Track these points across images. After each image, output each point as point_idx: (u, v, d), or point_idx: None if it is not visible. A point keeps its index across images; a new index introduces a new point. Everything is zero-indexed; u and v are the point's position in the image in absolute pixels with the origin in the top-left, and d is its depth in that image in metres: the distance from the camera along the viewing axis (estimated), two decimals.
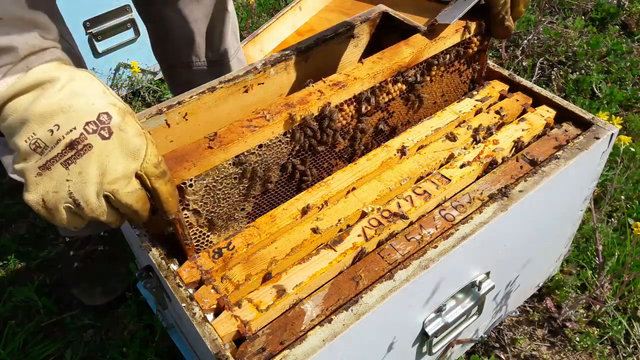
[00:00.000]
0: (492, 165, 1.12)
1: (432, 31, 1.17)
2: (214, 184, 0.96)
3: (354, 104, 1.10)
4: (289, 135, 1.03)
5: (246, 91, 1.32)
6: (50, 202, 0.74)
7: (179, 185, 0.90)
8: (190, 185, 0.92)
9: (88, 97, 0.72)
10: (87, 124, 0.71)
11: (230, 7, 1.57)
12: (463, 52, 1.25)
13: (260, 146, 0.99)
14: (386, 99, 1.15)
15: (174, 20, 1.50)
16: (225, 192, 0.98)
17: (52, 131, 0.70)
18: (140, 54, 2.31)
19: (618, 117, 1.45)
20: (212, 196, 0.97)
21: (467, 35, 1.22)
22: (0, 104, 0.71)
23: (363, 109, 1.12)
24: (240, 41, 2.44)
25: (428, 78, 1.21)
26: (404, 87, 1.17)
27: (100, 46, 2.22)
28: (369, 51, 1.53)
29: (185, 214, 0.94)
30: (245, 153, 0.98)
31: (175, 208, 0.84)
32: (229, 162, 0.96)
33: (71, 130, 0.71)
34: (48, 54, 0.74)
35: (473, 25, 1.21)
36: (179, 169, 0.90)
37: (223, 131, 0.96)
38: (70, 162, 0.72)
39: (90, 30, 2.15)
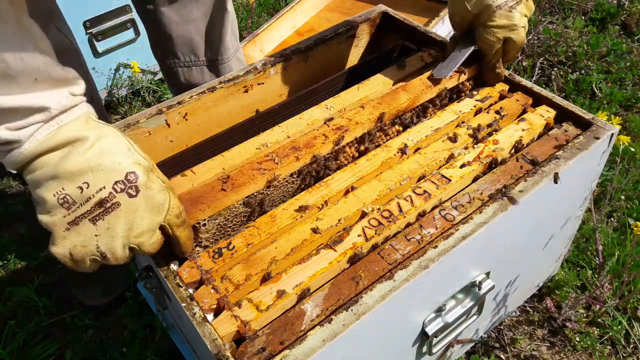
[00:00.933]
0: (492, 165, 1.12)
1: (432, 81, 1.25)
2: (225, 222, 1.03)
3: (355, 145, 1.18)
4: (295, 176, 1.11)
5: (246, 91, 1.32)
6: (78, 255, 0.79)
7: (193, 225, 0.97)
8: (204, 225, 0.99)
9: (115, 156, 0.76)
10: (115, 183, 0.75)
11: (230, 6, 1.57)
12: (457, 94, 1.31)
13: (268, 187, 1.07)
14: (384, 139, 1.22)
15: (172, 19, 1.50)
16: (234, 227, 1.05)
17: (81, 189, 0.75)
18: (140, 54, 2.31)
19: (617, 117, 1.45)
20: (222, 232, 1.04)
21: (462, 79, 1.28)
22: (30, 159, 0.75)
23: (362, 148, 1.20)
24: (240, 41, 2.44)
25: (423, 119, 1.26)
26: (401, 128, 1.24)
27: (100, 46, 2.22)
28: (369, 51, 1.53)
29: (197, 250, 1.00)
30: (255, 193, 1.06)
31: (191, 249, 0.91)
32: (240, 202, 1.04)
33: (101, 189, 0.75)
34: (77, 110, 0.77)
35: (468, 71, 1.27)
36: (194, 210, 0.98)
37: (235, 174, 1.05)
38: (98, 218, 0.76)
39: (90, 30, 2.15)
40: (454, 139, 1.16)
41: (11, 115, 0.72)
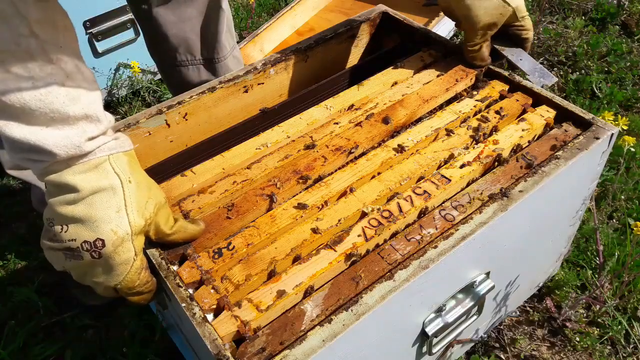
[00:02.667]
0: (492, 165, 1.12)
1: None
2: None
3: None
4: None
5: (246, 91, 1.32)
6: (54, 264, 0.89)
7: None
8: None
9: (96, 218, 0.81)
10: (84, 241, 0.81)
11: (225, 4, 1.57)
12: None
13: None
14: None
15: (167, 19, 1.50)
16: None
17: (61, 229, 0.82)
18: (140, 54, 2.31)
19: (624, 118, 1.45)
20: None
21: (459, 90, 1.28)
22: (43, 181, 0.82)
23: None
24: (240, 41, 2.44)
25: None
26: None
27: (100, 46, 2.22)
28: (369, 51, 1.53)
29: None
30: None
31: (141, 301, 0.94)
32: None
33: (72, 240, 0.82)
34: (89, 156, 0.81)
35: (464, 83, 1.28)
36: (201, 239, 0.99)
37: (239, 201, 1.06)
38: (67, 256, 0.84)
39: (90, 30, 2.15)
40: (454, 139, 1.16)
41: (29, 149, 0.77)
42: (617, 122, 1.38)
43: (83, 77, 0.80)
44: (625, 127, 1.44)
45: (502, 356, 1.46)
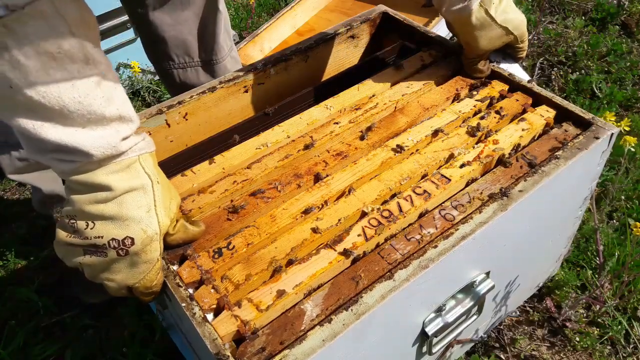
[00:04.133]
0: (492, 165, 1.12)
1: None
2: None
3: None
4: None
5: (246, 91, 1.32)
6: (66, 260, 0.88)
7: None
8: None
9: (126, 217, 0.81)
10: (112, 239, 0.82)
11: (222, 6, 1.57)
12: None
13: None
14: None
15: (164, 21, 1.49)
16: None
17: (87, 226, 0.81)
18: (140, 54, 2.29)
19: (626, 119, 1.44)
20: None
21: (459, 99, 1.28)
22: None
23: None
24: (240, 41, 2.45)
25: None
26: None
27: (100, 46, 2.21)
28: (369, 51, 1.53)
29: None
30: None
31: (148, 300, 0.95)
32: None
33: (100, 237, 0.82)
34: (122, 156, 0.80)
35: (464, 91, 1.28)
36: (202, 240, 0.99)
37: (239, 203, 1.05)
38: (89, 253, 0.84)
39: None
40: (454, 138, 1.16)
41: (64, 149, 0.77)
42: (619, 123, 1.38)
43: (114, 76, 0.80)
44: (627, 129, 1.44)
45: (502, 356, 1.46)
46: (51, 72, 0.71)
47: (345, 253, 0.95)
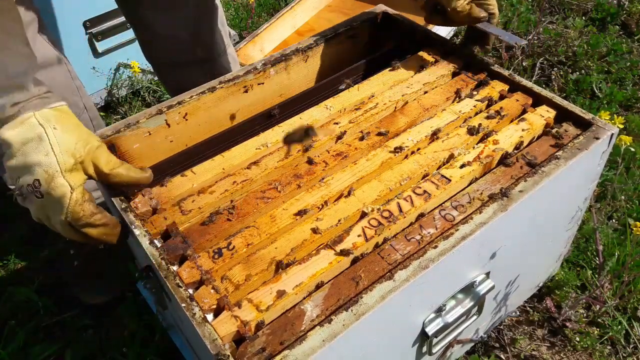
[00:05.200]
0: (492, 165, 1.12)
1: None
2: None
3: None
4: None
5: (246, 91, 1.32)
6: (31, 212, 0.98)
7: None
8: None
9: (30, 164, 0.92)
10: (28, 185, 0.92)
11: (217, 3, 1.57)
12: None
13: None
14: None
15: (157, 20, 1.49)
16: None
17: (15, 180, 0.94)
18: (140, 54, 2.29)
19: (620, 117, 1.44)
20: None
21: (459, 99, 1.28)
22: None
23: None
24: (240, 41, 2.45)
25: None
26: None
27: (100, 46, 2.21)
28: (369, 51, 1.53)
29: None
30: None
31: (112, 241, 1.02)
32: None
33: (21, 186, 0.93)
34: (16, 115, 0.92)
35: (464, 91, 1.28)
36: (202, 240, 1.00)
37: (239, 203, 1.06)
38: (26, 201, 0.95)
39: (90, 30, 2.15)
40: (454, 139, 1.16)
41: None
42: (613, 122, 1.38)
43: (12, 52, 0.92)
44: (620, 126, 1.44)
45: (502, 356, 1.46)
46: None
47: (345, 253, 0.95)
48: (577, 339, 1.47)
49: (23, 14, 1.25)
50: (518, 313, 1.54)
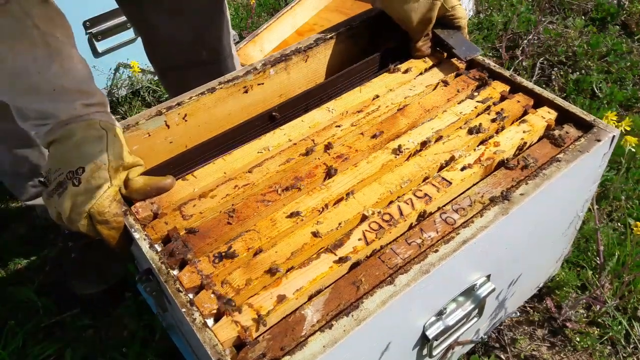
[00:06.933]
0: (493, 167, 1.12)
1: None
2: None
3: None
4: None
5: (246, 92, 1.31)
6: (51, 214, 1.04)
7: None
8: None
9: (80, 155, 0.99)
10: (69, 172, 0.98)
11: (224, 7, 1.56)
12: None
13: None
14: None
15: (164, 22, 1.48)
16: None
17: (55, 171, 1.00)
18: (140, 54, 2.28)
19: (627, 119, 1.44)
20: None
21: (459, 100, 1.28)
22: (46, 145, 1.03)
23: None
24: (240, 41, 2.44)
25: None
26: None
27: (100, 46, 2.21)
28: (369, 51, 1.52)
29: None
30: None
31: (117, 248, 1.06)
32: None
33: (60, 174, 0.99)
34: (84, 117, 1.02)
35: (465, 92, 1.28)
36: (202, 244, 1.00)
37: (240, 206, 1.06)
38: (58, 193, 0.99)
39: (90, 30, 2.14)
40: (454, 141, 1.16)
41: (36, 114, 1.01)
42: (620, 123, 1.37)
43: (74, 60, 1.02)
44: (628, 128, 1.44)
45: (502, 356, 1.46)
46: (19, 55, 0.95)
47: (344, 260, 0.95)
48: (577, 339, 1.47)
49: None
50: (518, 313, 1.54)
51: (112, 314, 1.64)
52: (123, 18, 2.20)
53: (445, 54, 1.38)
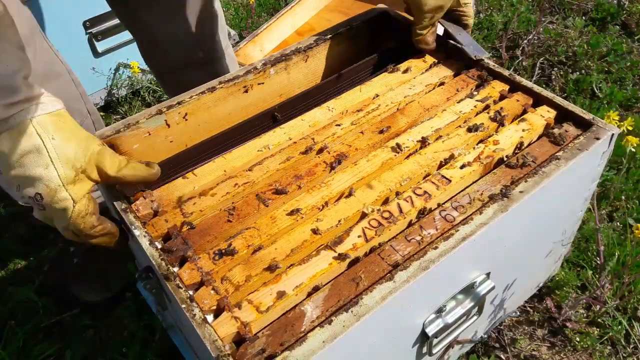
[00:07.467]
0: (492, 165, 1.12)
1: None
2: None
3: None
4: None
5: (246, 91, 1.32)
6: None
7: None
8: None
9: (31, 178, 0.90)
10: (29, 197, 0.91)
11: (217, 4, 1.56)
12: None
13: None
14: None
15: (159, 22, 1.48)
16: None
17: (17, 188, 0.92)
18: (140, 54, 2.31)
19: (629, 119, 1.44)
20: None
21: (459, 100, 1.28)
22: None
23: None
24: (240, 41, 2.44)
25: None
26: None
27: (100, 46, 2.21)
28: (369, 51, 1.53)
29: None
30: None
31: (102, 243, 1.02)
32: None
33: (23, 197, 0.92)
34: (10, 121, 0.88)
35: (465, 91, 1.28)
36: (202, 242, 0.99)
37: (240, 204, 1.06)
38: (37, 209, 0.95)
39: (90, 30, 2.15)
40: (454, 139, 1.16)
41: None
42: (622, 123, 1.37)
43: (4, 55, 0.88)
44: (630, 128, 1.43)
45: (502, 356, 1.46)
46: None
47: (344, 256, 0.95)
48: (577, 339, 1.47)
49: (28, 22, 1.25)
50: (518, 313, 1.54)
51: (112, 314, 1.64)
52: None
53: (444, 54, 1.38)
